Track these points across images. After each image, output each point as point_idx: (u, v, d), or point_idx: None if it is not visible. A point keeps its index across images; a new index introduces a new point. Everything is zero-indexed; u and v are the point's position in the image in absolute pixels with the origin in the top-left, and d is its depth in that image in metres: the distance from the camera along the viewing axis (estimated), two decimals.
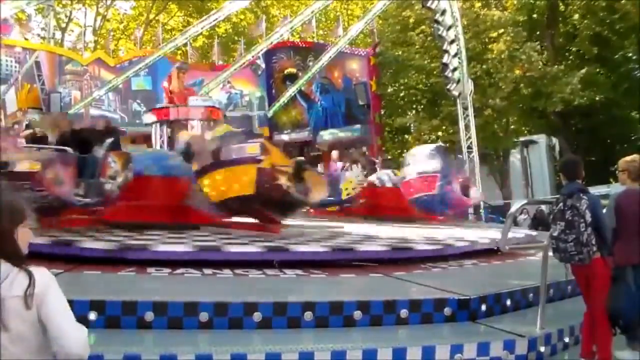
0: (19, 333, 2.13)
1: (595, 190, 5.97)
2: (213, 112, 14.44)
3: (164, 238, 6.94)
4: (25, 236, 2.28)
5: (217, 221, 8.31)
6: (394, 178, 13.24)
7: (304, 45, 25.01)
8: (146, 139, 17.73)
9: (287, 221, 8.44)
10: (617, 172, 5.02)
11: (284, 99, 22.88)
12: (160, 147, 13.93)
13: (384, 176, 13.50)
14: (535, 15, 26.10)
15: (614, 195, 4.95)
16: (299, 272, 5.96)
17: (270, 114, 23.24)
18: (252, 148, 8.11)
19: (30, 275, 2.15)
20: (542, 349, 4.64)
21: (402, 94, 26.54)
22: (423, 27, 24.73)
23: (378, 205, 12.92)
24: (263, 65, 23.50)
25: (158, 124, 14.41)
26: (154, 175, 8.22)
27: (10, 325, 2.11)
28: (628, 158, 4.93)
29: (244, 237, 7.46)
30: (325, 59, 22.21)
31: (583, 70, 22.73)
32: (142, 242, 6.53)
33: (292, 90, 22.69)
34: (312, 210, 11.93)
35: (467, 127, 20.27)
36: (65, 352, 2.16)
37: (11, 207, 2.29)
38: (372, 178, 13.64)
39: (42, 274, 2.21)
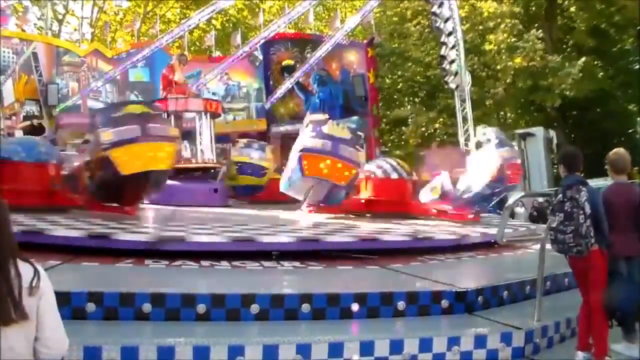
0: (27, 328, 2.10)
1: (593, 182, 5.99)
2: (211, 104, 14.36)
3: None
4: None
5: (84, 204, 8.64)
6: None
7: (302, 37, 24.90)
8: None
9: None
10: (605, 166, 5.05)
11: (281, 90, 22.81)
12: None
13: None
14: (533, 8, 26.04)
15: (602, 189, 4.97)
16: (297, 264, 5.96)
17: (267, 105, 23.18)
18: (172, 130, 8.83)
19: (34, 267, 2.15)
20: (539, 341, 4.66)
21: (399, 86, 26.48)
22: (420, 18, 24.65)
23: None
24: (261, 57, 23.40)
25: None
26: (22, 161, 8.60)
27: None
28: (612, 152, 4.96)
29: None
30: (323, 50, 22.14)
31: (582, 59, 22.64)
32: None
33: (289, 82, 22.61)
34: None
35: (464, 119, 20.24)
36: (54, 350, 2.16)
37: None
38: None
39: (41, 269, 2.20)
